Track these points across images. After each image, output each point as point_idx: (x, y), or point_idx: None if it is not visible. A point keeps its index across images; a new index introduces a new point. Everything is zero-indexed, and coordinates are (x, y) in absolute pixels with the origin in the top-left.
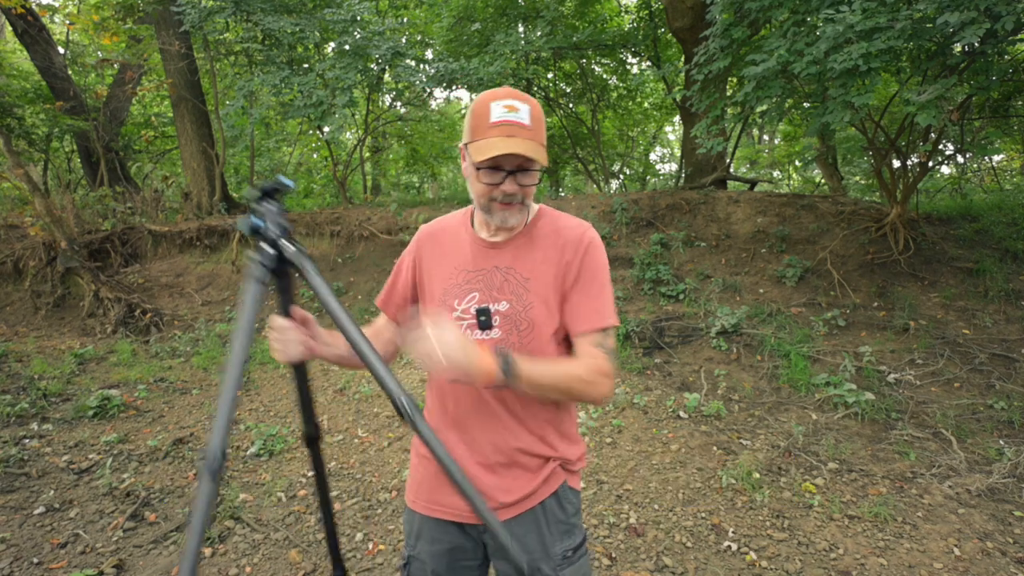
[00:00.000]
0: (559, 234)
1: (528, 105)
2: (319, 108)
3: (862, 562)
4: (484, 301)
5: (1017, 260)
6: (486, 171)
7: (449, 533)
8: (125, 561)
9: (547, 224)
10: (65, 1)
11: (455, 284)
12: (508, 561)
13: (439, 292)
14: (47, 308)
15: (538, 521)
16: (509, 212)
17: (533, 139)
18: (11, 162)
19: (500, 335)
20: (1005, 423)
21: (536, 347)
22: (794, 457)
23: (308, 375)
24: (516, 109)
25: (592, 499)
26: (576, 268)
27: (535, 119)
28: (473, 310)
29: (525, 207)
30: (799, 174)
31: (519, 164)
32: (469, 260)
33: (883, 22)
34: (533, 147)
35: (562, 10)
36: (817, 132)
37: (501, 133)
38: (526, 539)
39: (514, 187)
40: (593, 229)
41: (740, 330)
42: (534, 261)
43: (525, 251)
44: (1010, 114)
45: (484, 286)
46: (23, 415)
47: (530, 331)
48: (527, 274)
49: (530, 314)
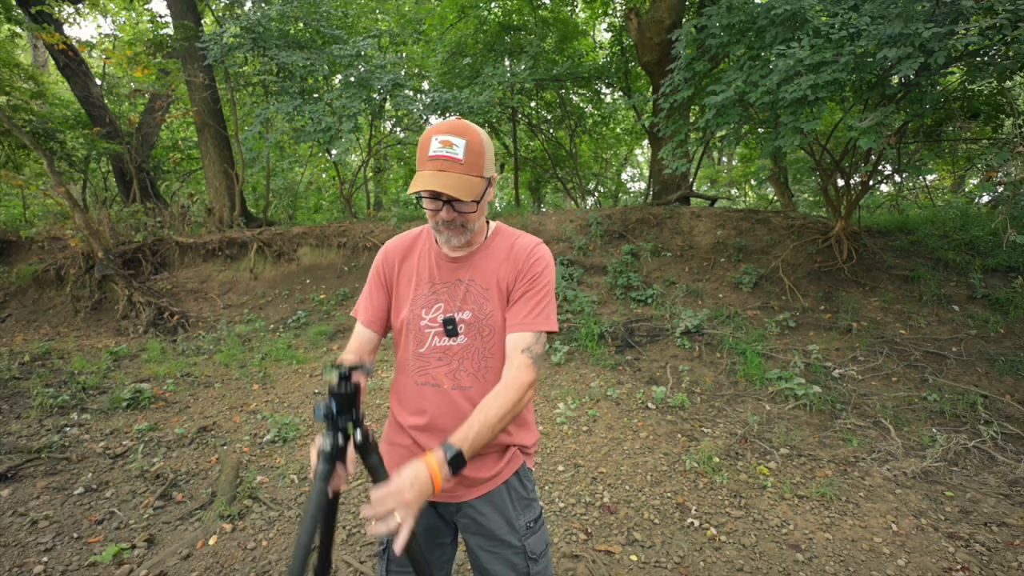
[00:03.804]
0: (513, 247)
1: (466, 139)
2: (327, 133)
3: (810, 536)
4: (449, 311)
5: (948, 268)
6: (427, 199)
7: (425, 514)
8: (155, 536)
9: (504, 240)
10: (102, 38)
11: (422, 295)
12: (480, 535)
13: (407, 303)
14: (86, 311)
15: (504, 498)
16: (452, 234)
17: (465, 173)
18: (54, 181)
19: (466, 341)
20: (937, 413)
21: (497, 349)
22: (750, 443)
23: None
24: (451, 144)
25: (570, 480)
26: (524, 276)
27: (471, 153)
28: (440, 319)
29: (467, 230)
30: (754, 192)
31: (450, 196)
32: (435, 273)
33: (829, 56)
34: (459, 181)
35: (543, 46)
36: (770, 154)
37: (433, 167)
38: (495, 515)
39: (452, 215)
40: (544, 246)
41: (702, 330)
42: (491, 273)
43: (483, 264)
44: (942, 138)
45: (449, 297)
46: (64, 406)
47: (491, 336)
48: (486, 285)
49: (491, 321)
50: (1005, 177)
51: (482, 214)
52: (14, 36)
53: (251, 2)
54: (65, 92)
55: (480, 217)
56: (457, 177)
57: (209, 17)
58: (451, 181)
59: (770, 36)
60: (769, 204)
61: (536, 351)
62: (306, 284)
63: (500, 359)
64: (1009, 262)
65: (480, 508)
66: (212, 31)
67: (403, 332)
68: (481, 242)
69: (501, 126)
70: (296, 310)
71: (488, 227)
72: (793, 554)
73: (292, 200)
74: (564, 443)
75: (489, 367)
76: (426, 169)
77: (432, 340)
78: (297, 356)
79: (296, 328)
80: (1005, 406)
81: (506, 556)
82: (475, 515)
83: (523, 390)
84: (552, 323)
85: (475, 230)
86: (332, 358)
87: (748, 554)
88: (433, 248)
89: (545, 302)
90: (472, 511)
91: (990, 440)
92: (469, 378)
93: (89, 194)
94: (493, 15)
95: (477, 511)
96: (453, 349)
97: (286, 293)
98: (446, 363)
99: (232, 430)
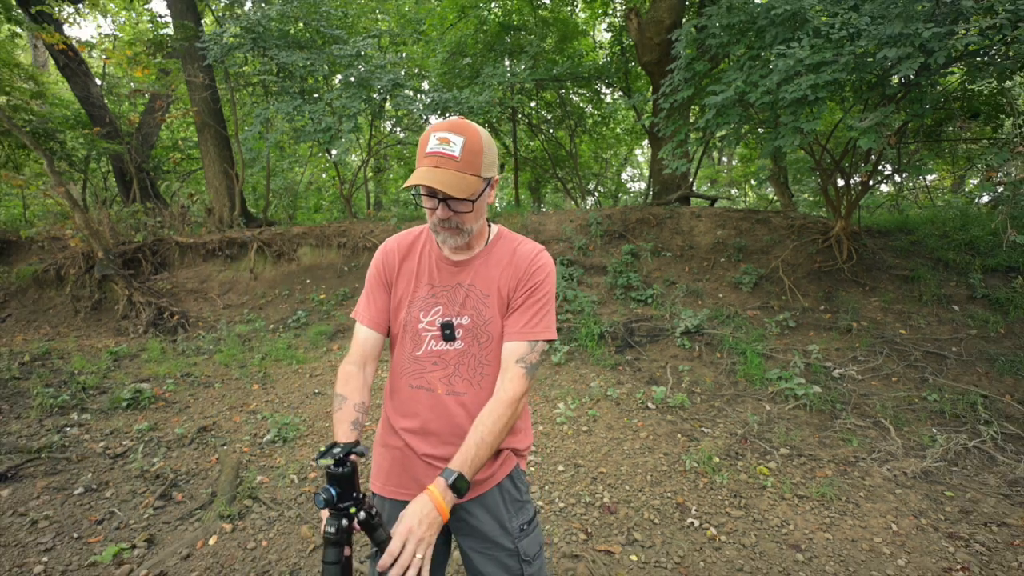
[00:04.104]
0: (515, 254)
1: (464, 137)
2: (327, 133)
3: (810, 537)
4: (448, 315)
5: (948, 268)
6: (424, 197)
7: None
8: (155, 536)
9: (505, 245)
10: (102, 38)
11: (421, 297)
12: (473, 537)
13: (405, 304)
14: (86, 311)
15: (497, 501)
16: (448, 235)
17: (461, 171)
18: (54, 181)
19: (463, 346)
20: (937, 413)
21: (494, 356)
22: (750, 443)
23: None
24: (449, 142)
25: (570, 480)
26: (524, 284)
27: (468, 151)
28: (438, 323)
29: (463, 232)
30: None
31: (446, 193)
32: (435, 275)
33: (829, 57)
34: (453, 178)
35: (543, 46)
36: (770, 154)
37: (429, 164)
38: (487, 518)
39: (447, 213)
40: (547, 253)
41: (702, 330)
42: (492, 279)
43: (484, 270)
44: (942, 138)
45: (448, 301)
46: (64, 406)
47: (489, 343)
48: (486, 291)
49: (489, 328)
50: (1005, 177)
51: (480, 216)
52: (14, 36)
53: (251, 2)
54: (65, 92)
55: (478, 219)
56: (452, 174)
57: (209, 17)
58: (445, 177)
59: (770, 36)
60: (769, 204)
61: (531, 360)
62: (306, 284)
63: (496, 366)
64: (1009, 262)
65: (472, 511)
66: (212, 31)
67: (400, 334)
68: (482, 246)
69: (501, 126)
70: (296, 310)
71: (490, 231)
72: (793, 554)
73: (292, 200)
74: (564, 443)
75: (484, 374)
76: (423, 165)
77: (428, 344)
78: (297, 356)
79: (296, 328)
80: (1005, 406)
81: (499, 558)
82: (467, 517)
83: (516, 403)
84: (550, 332)
85: (473, 233)
86: (332, 358)
87: (748, 554)
88: (434, 250)
89: (544, 311)
90: (464, 513)
91: (990, 440)
92: (464, 384)
93: (89, 194)
94: (493, 15)
95: (469, 513)
96: (449, 354)
97: (286, 293)
98: (441, 367)
99: (232, 430)
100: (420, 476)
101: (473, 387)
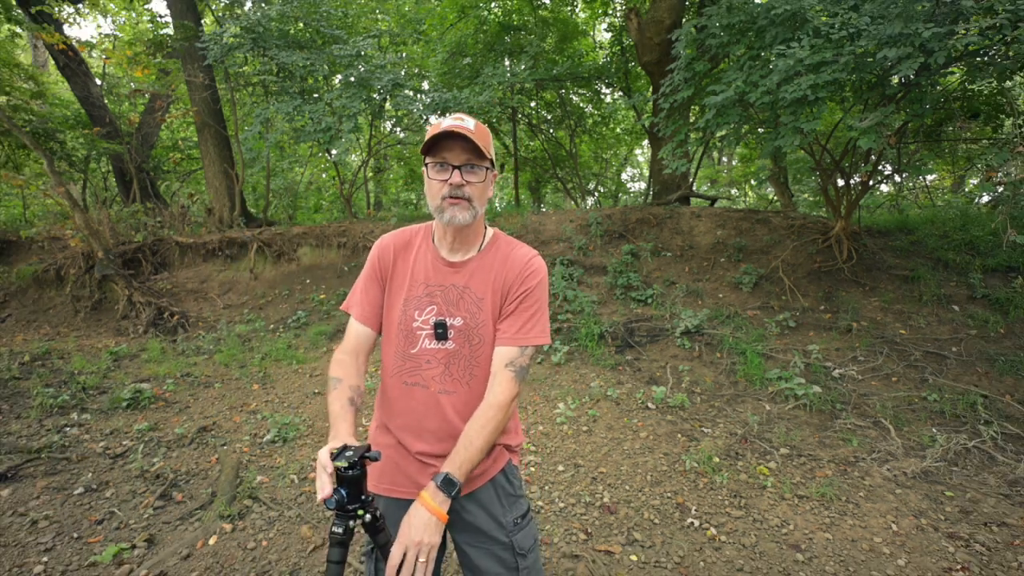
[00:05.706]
0: (509, 257)
1: (474, 120)
2: (327, 133)
3: (810, 537)
4: (441, 315)
5: (948, 268)
6: (435, 167)
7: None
8: (155, 536)
9: (501, 248)
10: (102, 38)
11: (415, 296)
12: (467, 532)
13: (399, 302)
14: (86, 311)
15: (491, 495)
16: (458, 208)
17: (476, 138)
18: (54, 181)
19: (454, 347)
20: (937, 413)
21: (484, 358)
22: (750, 443)
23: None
24: (463, 119)
25: (570, 480)
26: (517, 289)
27: (479, 129)
28: (432, 322)
29: (472, 207)
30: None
31: (466, 159)
32: (430, 275)
33: (829, 57)
34: (474, 137)
35: (543, 46)
36: (770, 154)
37: (447, 128)
38: (481, 513)
39: (460, 179)
40: (540, 258)
41: (702, 330)
42: (487, 283)
43: (479, 272)
44: (942, 138)
45: (442, 300)
46: (64, 406)
47: (480, 345)
48: (481, 294)
49: (481, 331)
50: (1005, 177)
51: (483, 199)
52: (14, 36)
53: (251, 2)
54: (65, 92)
55: (483, 202)
56: (471, 134)
57: (209, 17)
58: (467, 133)
59: (770, 36)
60: (769, 204)
61: (520, 363)
62: (306, 284)
63: (486, 367)
64: (1009, 262)
65: (467, 506)
66: (212, 31)
67: (394, 332)
68: (478, 248)
69: (501, 126)
70: (296, 310)
71: (485, 233)
72: (793, 554)
73: (292, 200)
74: (564, 443)
75: (475, 375)
76: (439, 131)
77: (423, 342)
78: (297, 356)
79: (296, 328)
80: (1005, 406)
81: (494, 552)
82: (462, 512)
83: (507, 407)
84: (543, 337)
85: (478, 215)
86: (332, 358)
87: (748, 554)
88: (431, 250)
89: (537, 317)
90: (459, 508)
91: (990, 440)
92: (454, 383)
93: (89, 194)
94: (493, 15)
95: (464, 508)
96: (441, 353)
97: (286, 293)
98: (435, 365)
99: (232, 430)
100: (414, 474)
101: (463, 387)
